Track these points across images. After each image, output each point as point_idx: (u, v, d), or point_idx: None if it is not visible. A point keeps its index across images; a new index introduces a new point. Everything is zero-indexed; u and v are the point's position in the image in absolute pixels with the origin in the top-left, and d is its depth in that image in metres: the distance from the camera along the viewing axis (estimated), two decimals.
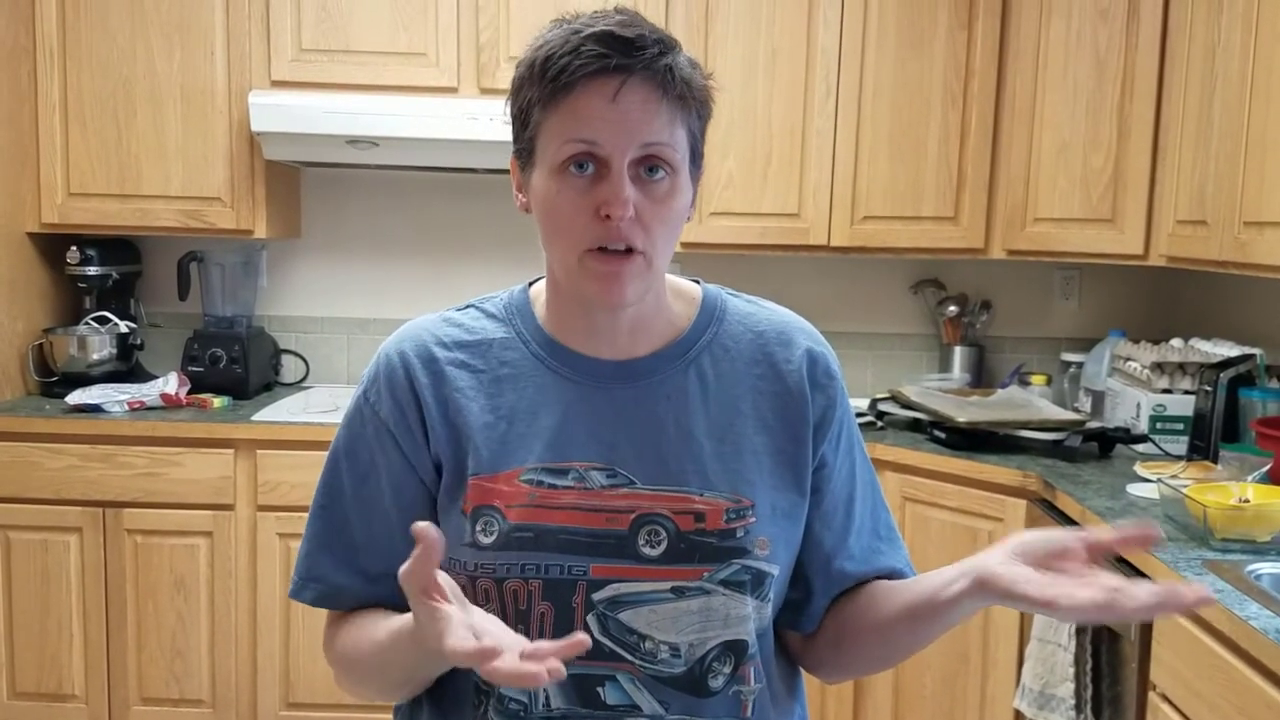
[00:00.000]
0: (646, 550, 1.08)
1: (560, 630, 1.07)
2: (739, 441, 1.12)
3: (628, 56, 1.01)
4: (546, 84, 1.03)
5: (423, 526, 0.87)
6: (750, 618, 1.11)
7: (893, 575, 1.20)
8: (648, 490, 1.09)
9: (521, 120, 1.08)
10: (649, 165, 1.04)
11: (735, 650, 1.11)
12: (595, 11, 1.05)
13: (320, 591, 1.14)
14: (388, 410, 1.13)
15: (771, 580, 1.12)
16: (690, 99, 1.05)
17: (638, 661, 1.08)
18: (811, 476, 1.15)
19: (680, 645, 1.08)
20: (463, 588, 1.07)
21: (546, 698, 1.09)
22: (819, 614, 1.18)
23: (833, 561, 1.18)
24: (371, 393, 1.14)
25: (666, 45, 1.04)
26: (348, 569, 1.13)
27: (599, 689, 1.09)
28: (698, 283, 1.22)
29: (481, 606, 1.08)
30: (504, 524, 1.07)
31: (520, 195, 1.11)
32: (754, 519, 1.10)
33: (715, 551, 1.08)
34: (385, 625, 1.06)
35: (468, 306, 1.19)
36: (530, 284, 1.20)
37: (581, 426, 1.10)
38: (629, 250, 1.04)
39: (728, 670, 1.11)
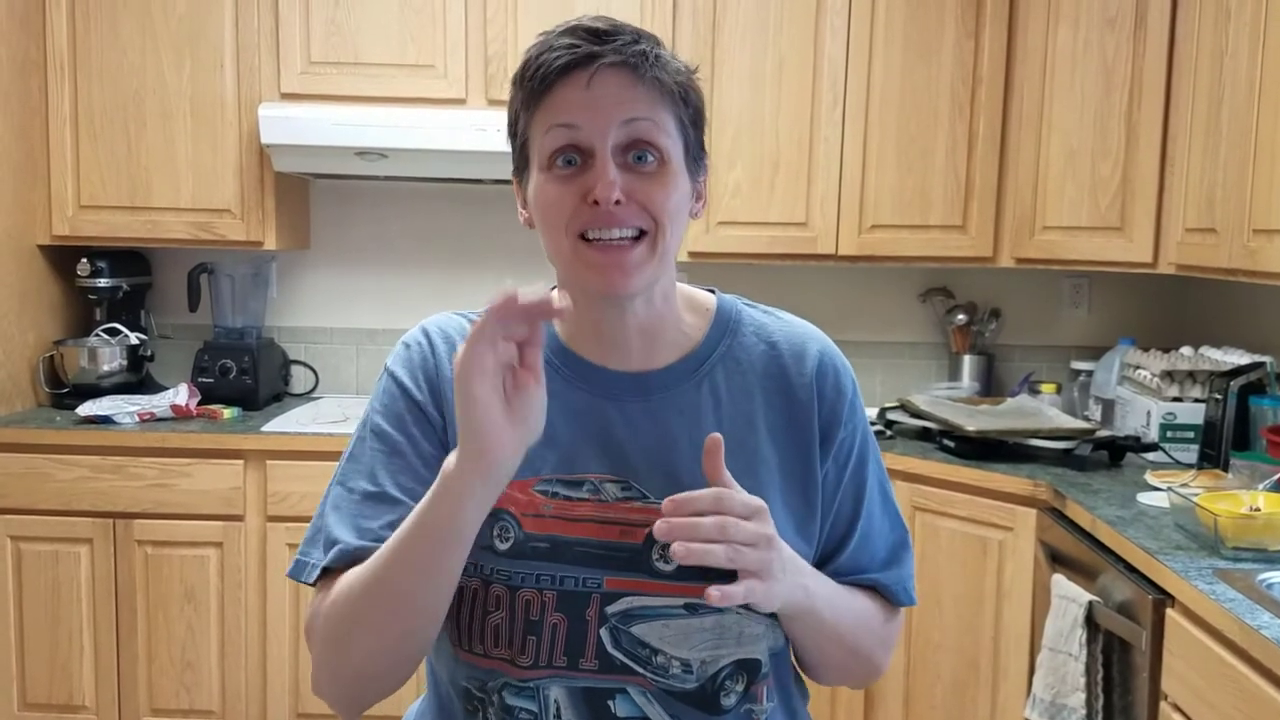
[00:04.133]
0: (660, 565, 1.07)
1: (572, 643, 1.07)
2: (752, 458, 1.11)
3: (598, 43, 1.01)
4: (525, 87, 1.04)
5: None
6: (763, 636, 1.10)
7: (874, 588, 1.20)
8: (661, 506, 1.08)
9: (513, 131, 1.09)
10: (636, 152, 1.03)
11: (748, 669, 1.10)
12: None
13: (332, 554, 1.05)
14: (418, 389, 1.11)
15: None
16: (669, 82, 1.04)
17: (649, 675, 1.07)
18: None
19: (692, 661, 1.08)
20: (475, 592, 1.07)
21: (557, 709, 1.08)
22: None
23: (820, 569, 1.17)
24: (402, 374, 1.12)
25: (643, 36, 1.04)
26: (359, 531, 1.05)
27: (609, 702, 1.08)
28: (713, 292, 1.21)
29: (490, 614, 1.07)
30: (519, 532, 1.07)
31: (523, 211, 1.11)
32: None
33: (728, 570, 1.07)
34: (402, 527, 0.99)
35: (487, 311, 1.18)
36: (550, 290, 1.19)
37: (594, 438, 1.09)
38: (635, 237, 1.03)
39: (740, 689, 1.10)
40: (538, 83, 1.02)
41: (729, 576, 1.07)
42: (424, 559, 0.97)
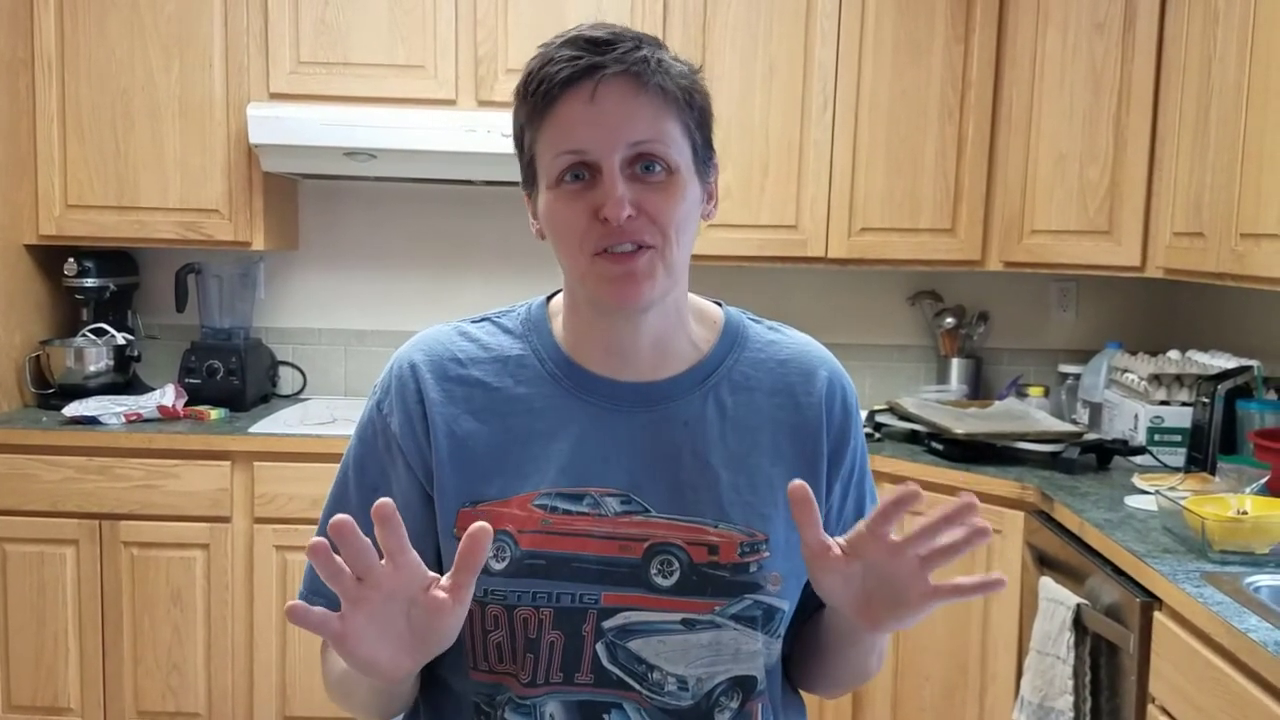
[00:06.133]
0: (658, 580, 1.06)
1: (569, 659, 1.06)
2: (755, 473, 1.10)
3: (599, 54, 1.00)
4: (529, 101, 1.03)
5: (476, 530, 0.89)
6: (760, 654, 1.10)
7: None
8: (662, 519, 1.07)
9: (520, 145, 1.08)
10: (644, 163, 1.02)
11: (744, 686, 1.10)
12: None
13: (324, 608, 1.11)
14: (398, 423, 1.10)
15: (782, 615, 1.11)
16: (672, 88, 1.03)
17: (645, 691, 1.07)
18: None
19: (688, 678, 1.07)
20: (472, 613, 1.05)
21: None
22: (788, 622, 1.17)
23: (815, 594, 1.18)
24: (385, 403, 1.12)
25: (644, 41, 1.03)
26: None
27: (605, 716, 1.07)
28: (719, 305, 1.20)
29: (490, 633, 1.07)
30: (516, 550, 1.05)
31: (535, 222, 1.10)
32: (768, 554, 1.08)
33: (728, 585, 1.06)
34: None
35: (483, 320, 1.17)
36: (549, 298, 1.18)
37: (596, 451, 1.08)
38: (639, 247, 1.02)
39: (735, 705, 1.10)
40: (541, 98, 1.01)
41: (730, 592, 1.06)
42: (371, 694, 1.08)
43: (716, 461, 1.09)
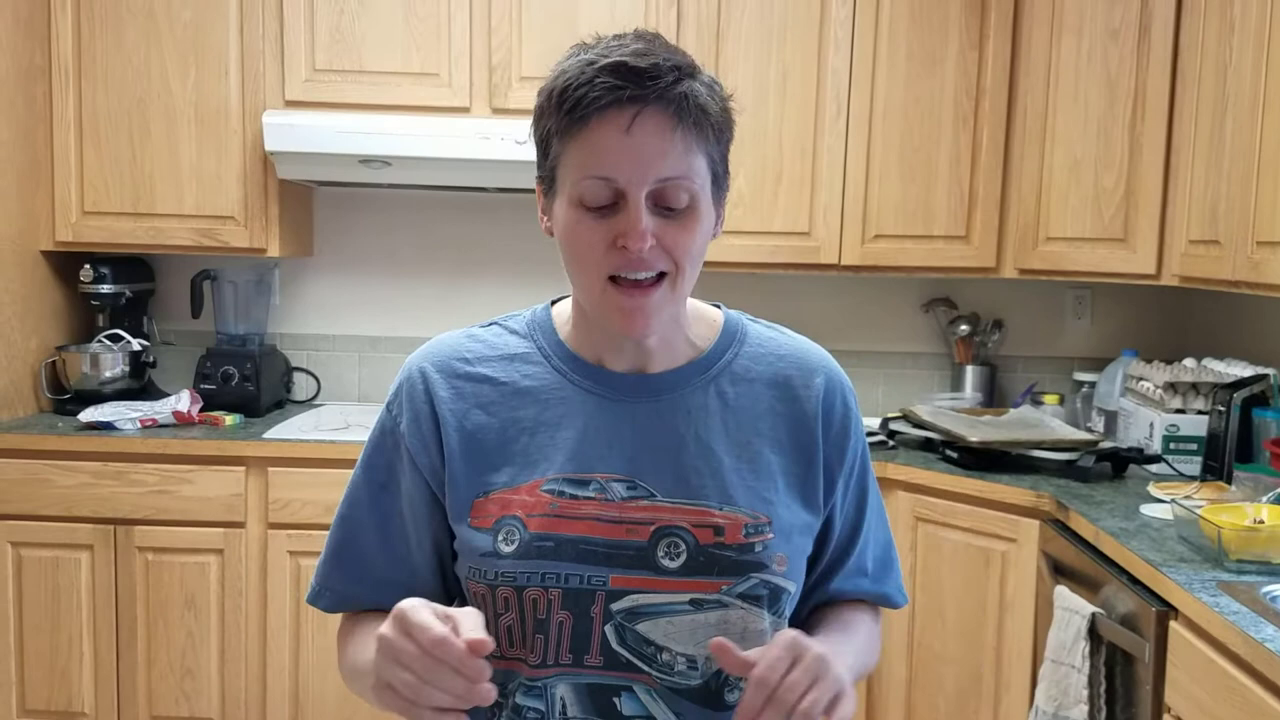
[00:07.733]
0: (666, 562, 1.08)
1: (577, 640, 1.08)
2: (757, 459, 1.13)
3: (641, 87, 1.00)
4: (563, 116, 1.03)
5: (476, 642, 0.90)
6: (767, 633, 1.11)
7: (874, 599, 1.26)
8: (667, 503, 1.10)
9: (543, 148, 1.09)
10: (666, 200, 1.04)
11: None
12: (614, 37, 1.05)
13: (332, 600, 1.18)
14: (406, 423, 1.14)
15: (788, 596, 1.13)
16: (707, 125, 1.04)
17: (654, 673, 1.09)
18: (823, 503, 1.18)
19: (697, 658, 1.09)
20: (482, 597, 1.10)
21: (563, 706, 1.09)
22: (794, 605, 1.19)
23: (821, 583, 1.22)
24: (394, 405, 1.17)
25: (683, 71, 1.03)
26: (359, 580, 1.17)
27: (615, 699, 1.09)
28: (719, 307, 1.23)
29: (500, 616, 1.10)
30: (525, 533, 1.08)
31: (544, 218, 1.13)
32: (772, 535, 1.11)
33: (734, 565, 1.09)
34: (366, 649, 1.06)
35: (491, 324, 1.21)
36: (553, 302, 1.22)
37: (602, 439, 1.11)
38: (658, 277, 1.05)
39: (744, 685, 1.11)
40: (575, 117, 1.02)
41: (736, 571, 1.09)
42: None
43: (720, 447, 1.13)
